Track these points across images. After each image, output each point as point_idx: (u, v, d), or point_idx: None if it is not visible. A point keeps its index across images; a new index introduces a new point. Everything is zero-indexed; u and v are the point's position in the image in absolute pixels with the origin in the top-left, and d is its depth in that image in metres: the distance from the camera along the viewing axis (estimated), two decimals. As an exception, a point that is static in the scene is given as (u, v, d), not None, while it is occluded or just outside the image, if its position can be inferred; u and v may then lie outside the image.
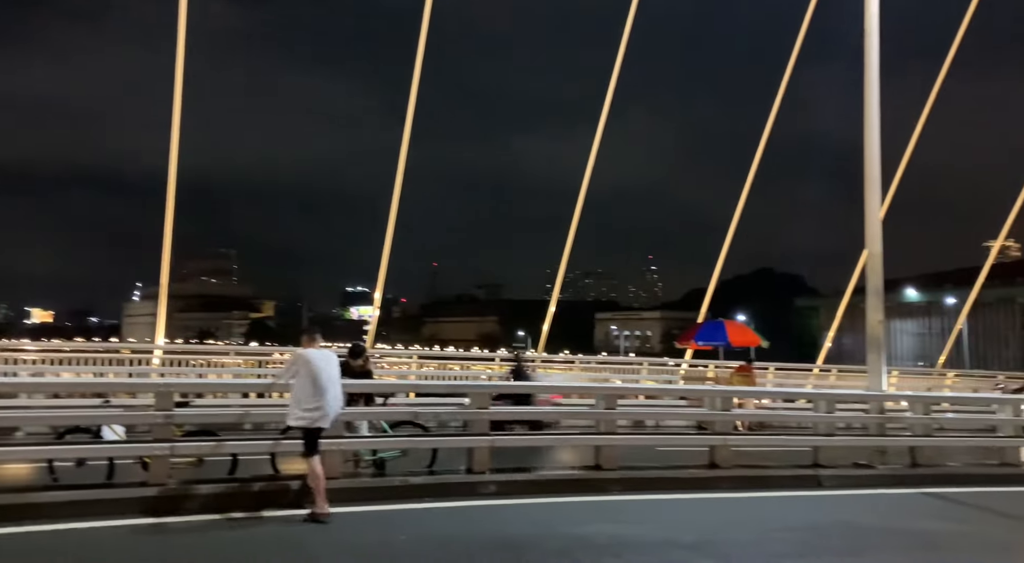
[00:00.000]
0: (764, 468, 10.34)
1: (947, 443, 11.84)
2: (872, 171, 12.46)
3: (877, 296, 12.18)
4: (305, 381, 7.41)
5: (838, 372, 24.97)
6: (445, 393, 13.10)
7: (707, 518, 8.11)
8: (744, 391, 13.97)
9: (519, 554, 6.33)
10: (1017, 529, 8.25)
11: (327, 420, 7.47)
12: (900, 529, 7.89)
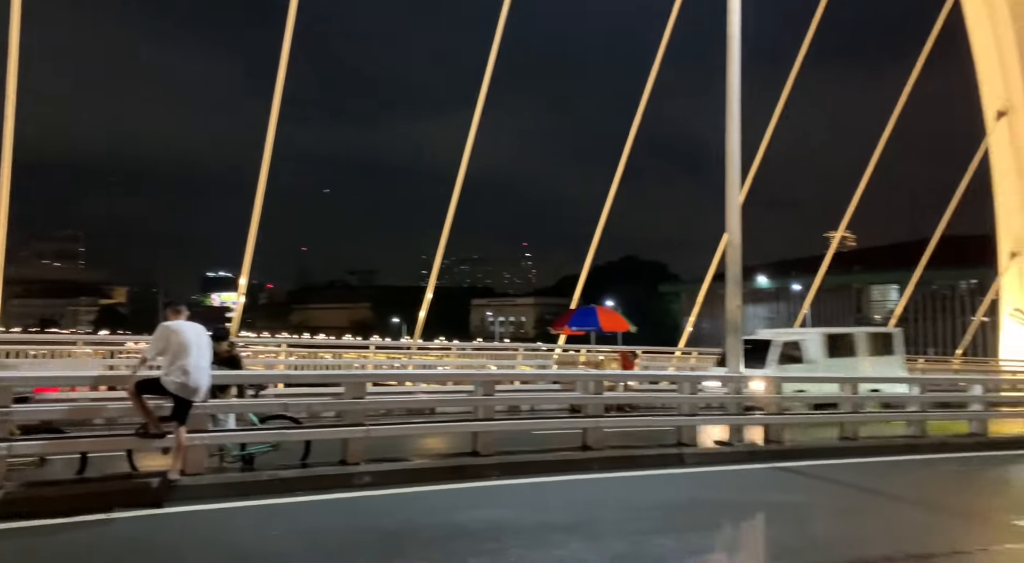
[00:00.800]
0: (633, 448, 10.75)
1: (796, 420, 12.77)
2: (732, 165, 13.16)
3: (735, 283, 12.92)
4: (176, 352, 7.27)
5: (698, 354, 26.40)
6: (317, 383, 12.70)
7: (580, 499, 8.34)
8: (613, 375, 14.48)
9: (396, 544, 6.24)
10: (854, 497, 9.03)
11: (200, 394, 7.42)
12: (756, 501, 8.45)
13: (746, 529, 7.07)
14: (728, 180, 13.14)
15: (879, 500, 8.87)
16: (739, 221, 13.18)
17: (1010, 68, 29.78)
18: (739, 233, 13.13)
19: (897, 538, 6.81)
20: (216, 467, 8.44)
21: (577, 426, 10.77)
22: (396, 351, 23.81)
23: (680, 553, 6.10)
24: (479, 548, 6.06)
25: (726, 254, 13.34)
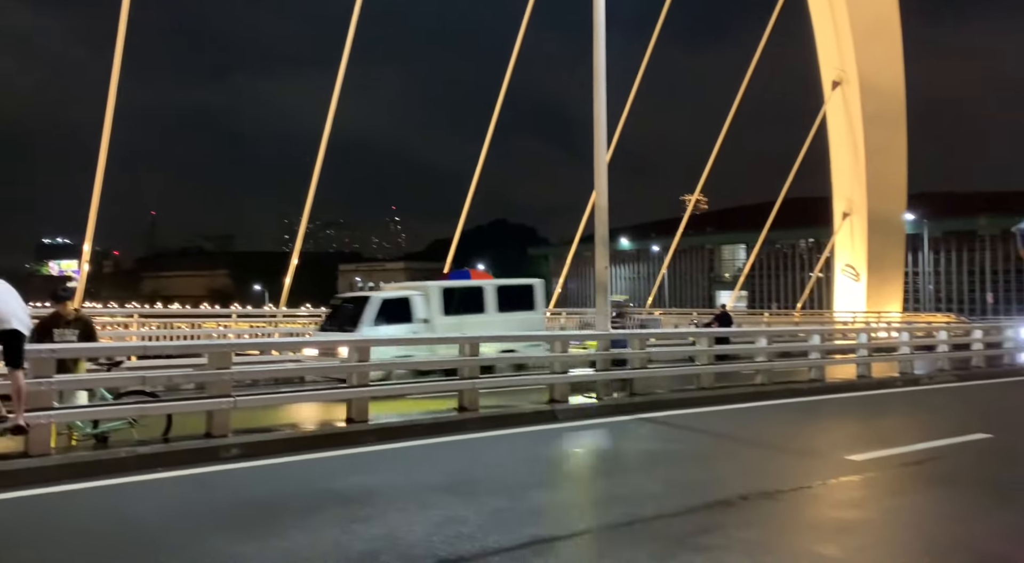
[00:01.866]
0: (508, 407, 10.98)
1: (657, 373, 13.48)
2: (599, 130, 13.49)
3: (604, 244, 13.35)
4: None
5: (567, 314, 27.22)
6: (177, 354, 12.00)
7: (458, 459, 8.43)
8: (487, 337, 14.62)
9: (268, 515, 6.06)
10: (712, 443, 9.70)
11: (13, 322, 7.07)
12: (624, 451, 8.90)
13: (616, 478, 7.42)
14: (596, 145, 13.46)
15: (734, 444, 9.58)
16: (606, 184, 13.57)
17: (844, 41, 32.21)
18: (606, 196, 13.54)
19: (751, 478, 7.39)
20: (65, 447, 7.83)
21: (453, 388, 10.84)
22: (260, 320, 22.90)
23: (555, 504, 6.32)
24: (357, 514, 6.00)
25: (594, 217, 13.73)
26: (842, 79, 32.52)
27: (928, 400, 14.33)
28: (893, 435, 9.97)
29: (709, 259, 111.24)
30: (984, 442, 9.55)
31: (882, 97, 32.54)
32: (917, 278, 70.53)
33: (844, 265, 35.42)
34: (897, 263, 35.97)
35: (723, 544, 5.29)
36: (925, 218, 65.47)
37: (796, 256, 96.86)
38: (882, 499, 6.91)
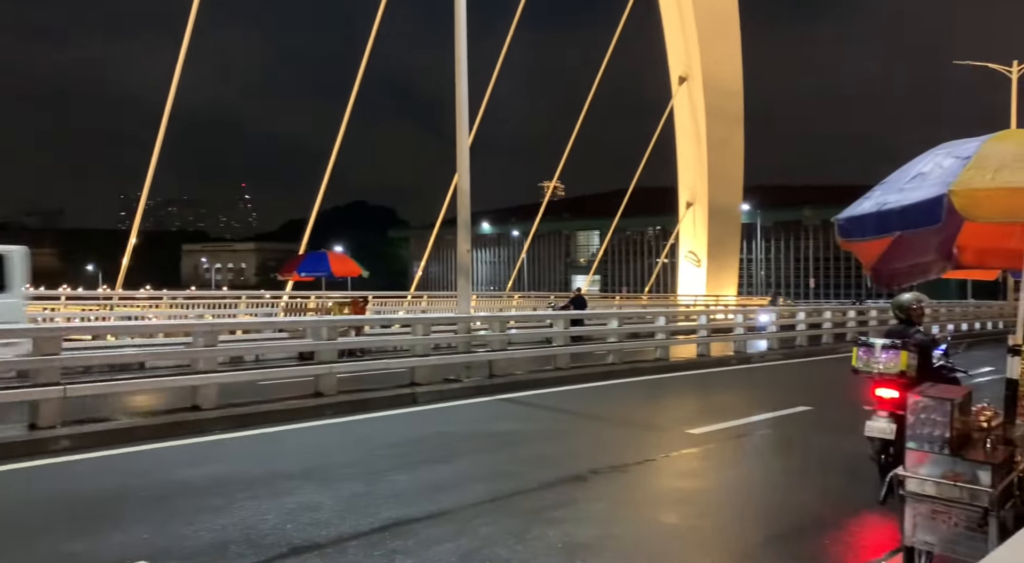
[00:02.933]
0: (366, 391, 10.83)
1: (517, 355, 13.78)
2: (462, 113, 13.50)
3: (465, 228, 13.42)
4: None
5: (429, 298, 27.13)
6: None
7: (314, 445, 8.24)
8: (346, 320, 14.34)
9: (105, 508, 5.65)
10: (566, 420, 10.07)
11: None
12: (484, 432, 9.03)
13: (474, 458, 7.53)
14: (458, 128, 13.47)
15: (587, 422, 9.99)
16: (468, 167, 13.63)
17: (690, 39, 34.03)
18: (468, 179, 13.59)
19: (601, 453, 7.74)
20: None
21: (309, 374, 10.55)
22: (93, 302, 21.13)
23: (415, 486, 6.32)
24: (205, 504, 5.73)
25: (456, 199, 13.76)
26: (688, 75, 34.42)
27: (759, 376, 15.60)
28: (728, 409, 10.77)
29: (566, 244, 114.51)
30: (806, 414, 10.54)
31: (723, 93, 34.78)
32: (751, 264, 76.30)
33: (687, 251, 37.67)
34: (734, 250, 38.70)
35: (575, 516, 5.53)
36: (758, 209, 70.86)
37: (645, 242, 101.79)
38: (718, 469, 7.47)
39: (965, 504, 3.77)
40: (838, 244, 4.77)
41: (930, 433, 3.97)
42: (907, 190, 4.06)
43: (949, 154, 4.04)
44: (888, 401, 5.77)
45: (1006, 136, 3.92)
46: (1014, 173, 3.54)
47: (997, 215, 3.67)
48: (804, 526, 5.56)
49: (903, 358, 5.67)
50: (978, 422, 4.17)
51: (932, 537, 3.90)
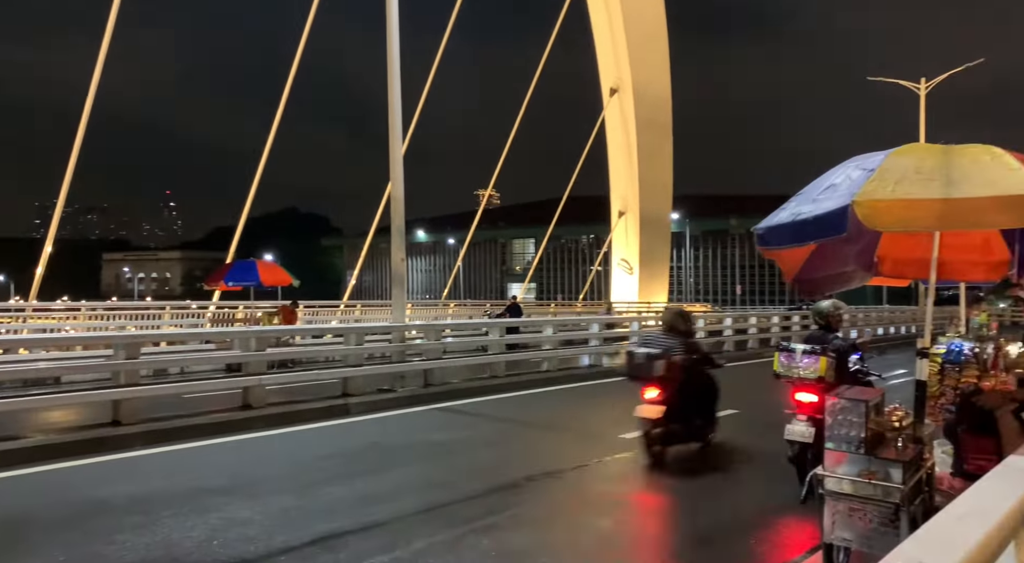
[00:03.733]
0: (298, 403, 10.61)
1: (452, 364, 13.74)
2: (394, 120, 13.43)
3: (399, 236, 13.32)
4: None
5: (362, 306, 26.78)
6: None
7: (241, 460, 8.02)
8: (276, 330, 14.04)
9: (11, 530, 5.37)
10: (501, 428, 10.09)
11: None
12: (419, 442, 8.96)
13: (409, 469, 7.47)
14: (391, 136, 13.38)
15: (522, 429, 10.03)
16: (401, 174, 13.54)
17: (620, 51, 34.74)
18: (402, 187, 13.51)
19: (536, 460, 7.79)
20: None
21: (237, 386, 10.27)
22: (4, 315, 20.06)
23: (348, 499, 6.23)
24: (126, 523, 5.51)
25: (390, 208, 13.65)
26: (619, 86, 35.11)
27: (689, 381, 15.94)
28: (660, 414, 10.97)
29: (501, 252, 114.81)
30: (734, 416, 10.82)
31: (652, 105, 35.60)
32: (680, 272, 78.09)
33: (620, 259, 38.33)
34: (664, 258, 39.57)
35: (510, 524, 5.55)
36: (688, 218, 72.67)
37: (579, 250, 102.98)
38: (650, 473, 7.60)
39: (879, 501, 3.95)
40: (761, 253, 4.94)
41: (847, 434, 4.15)
42: (819, 201, 4.22)
43: (858, 166, 4.22)
44: (807, 405, 5.99)
45: (908, 150, 4.11)
46: (912, 186, 3.72)
47: (895, 224, 3.86)
48: (731, 527, 5.72)
49: (822, 364, 5.90)
50: (891, 422, 4.38)
51: (849, 533, 4.07)
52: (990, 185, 3.57)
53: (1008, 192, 3.48)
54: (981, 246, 4.97)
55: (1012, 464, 2.69)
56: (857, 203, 3.62)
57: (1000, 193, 3.51)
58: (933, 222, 3.80)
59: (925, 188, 3.66)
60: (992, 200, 3.52)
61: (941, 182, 3.67)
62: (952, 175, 3.71)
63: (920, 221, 3.79)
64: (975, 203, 3.55)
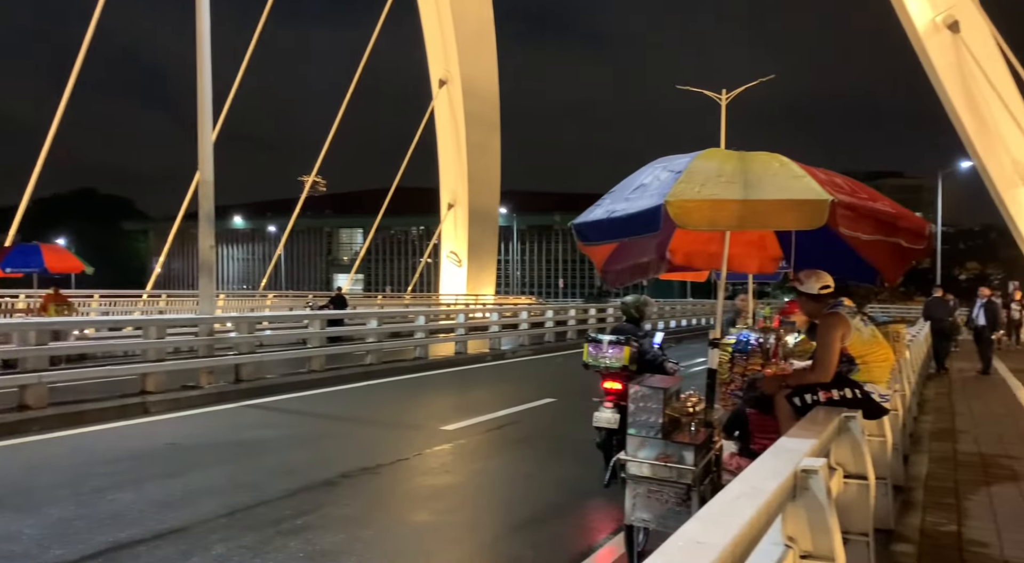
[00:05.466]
0: (86, 403, 9.60)
1: (267, 358, 13.07)
2: (204, 102, 12.51)
3: (208, 222, 12.44)
4: None
5: (168, 297, 24.84)
6: None
7: (13, 466, 7.10)
8: (62, 322, 12.61)
9: None
10: (317, 424, 9.74)
11: None
12: (225, 441, 8.40)
13: (211, 471, 6.97)
14: (200, 117, 12.45)
15: (341, 424, 9.74)
16: (211, 157, 12.65)
17: (449, 44, 34.81)
18: (211, 170, 12.63)
19: (353, 455, 7.58)
20: None
21: (11, 384, 9.11)
22: None
23: (139, 505, 5.69)
24: None
25: (198, 192, 12.71)
26: (448, 79, 35.15)
27: (511, 371, 16.34)
28: (481, 404, 11.12)
29: (327, 242, 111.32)
30: (551, 405, 11.21)
31: (481, 100, 36.01)
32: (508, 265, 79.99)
33: (449, 252, 38.49)
34: (492, 251, 40.26)
35: (321, 524, 5.33)
36: (515, 213, 74.54)
37: (409, 242, 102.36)
38: (469, 463, 7.66)
39: (673, 482, 4.19)
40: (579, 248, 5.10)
41: (647, 419, 4.37)
42: (632, 199, 4.41)
43: (665, 168, 4.45)
44: (613, 393, 6.29)
45: (711, 155, 4.40)
46: (716, 187, 3.98)
47: (702, 224, 4.12)
48: (544, 513, 5.87)
49: (626, 353, 6.20)
50: (686, 408, 4.67)
51: (648, 514, 4.29)
52: (781, 190, 3.89)
53: (795, 197, 3.81)
54: (758, 242, 5.46)
55: (782, 445, 2.94)
56: (669, 203, 3.81)
57: (789, 197, 3.83)
58: (735, 222, 4.08)
59: (727, 190, 3.92)
60: (782, 203, 3.84)
61: (740, 185, 3.95)
62: (749, 179, 4.01)
63: (724, 221, 4.06)
64: (768, 205, 3.85)
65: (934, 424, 9.06)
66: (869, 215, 3.88)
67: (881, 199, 4.19)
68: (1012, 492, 5.84)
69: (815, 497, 2.50)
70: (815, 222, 3.68)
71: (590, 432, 6.50)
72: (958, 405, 10.76)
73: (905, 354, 7.99)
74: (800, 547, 2.53)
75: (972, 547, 4.50)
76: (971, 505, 5.43)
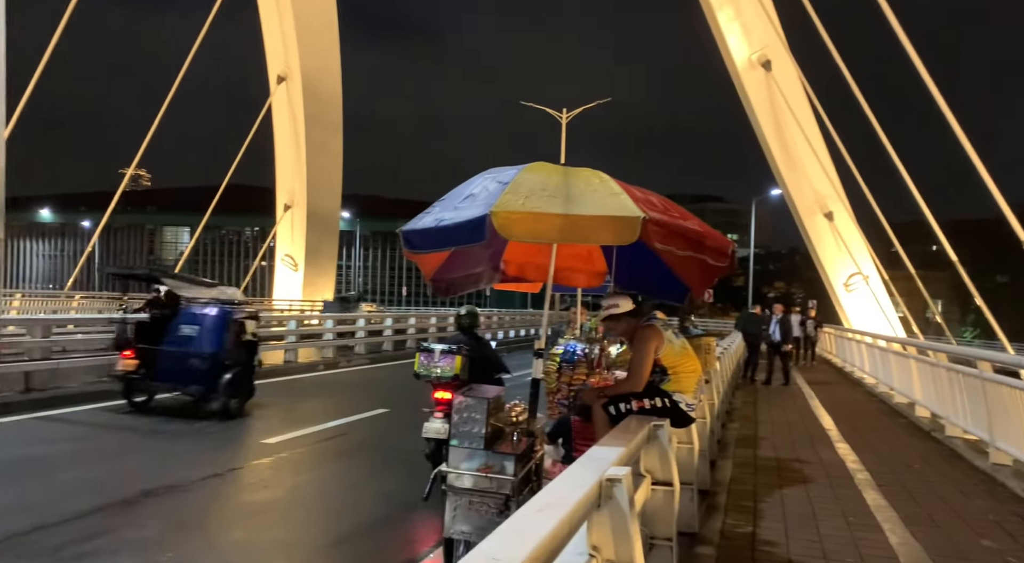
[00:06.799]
0: None
1: (68, 364, 11.81)
2: None
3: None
4: None
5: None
6: None
7: None
8: None
9: None
10: (128, 438, 8.89)
11: None
12: (6, 458, 7.45)
13: (-11, 492, 6.15)
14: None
15: (148, 438, 8.94)
16: (3, 147, 11.32)
17: (289, 38, 33.51)
18: (3, 159, 11.29)
19: (160, 472, 6.97)
20: None
21: None
22: None
23: None
24: None
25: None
26: (287, 75, 33.78)
27: (344, 381, 15.86)
28: (309, 416, 10.67)
29: (150, 240, 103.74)
30: (383, 416, 10.98)
31: (322, 99, 34.91)
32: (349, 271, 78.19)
33: (284, 255, 36.88)
34: (331, 256, 39.04)
35: (112, 548, 4.84)
36: (358, 217, 73.03)
37: (242, 243, 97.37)
38: (290, 477, 7.29)
39: (494, 493, 4.19)
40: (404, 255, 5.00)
41: (470, 430, 4.34)
42: (460, 209, 4.38)
43: (494, 179, 4.47)
44: (445, 403, 6.24)
45: (536, 168, 4.47)
46: (539, 200, 4.04)
47: (525, 235, 4.18)
48: (366, 527, 5.69)
49: (458, 363, 6.18)
50: (510, 418, 4.70)
51: (468, 527, 4.25)
52: (599, 206, 4.01)
53: (611, 213, 3.94)
54: (585, 256, 5.65)
55: (592, 454, 2.99)
56: (494, 213, 3.81)
57: (606, 213, 3.95)
58: (556, 235, 4.15)
59: (550, 204, 3.98)
60: (600, 219, 3.96)
61: (562, 199, 4.03)
62: (571, 194, 4.10)
63: (546, 234, 4.13)
64: (587, 220, 3.95)
65: (740, 431, 9.79)
66: (679, 233, 4.09)
67: (691, 218, 4.45)
68: (801, 494, 6.40)
69: (619, 505, 2.55)
70: (629, 238, 3.83)
71: (421, 443, 6.39)
72: (761, 414, 11.73)
73: (715, 365, 8.58)
74: (603, 556, 2.57)
75: (763, 547, 4.85)
76: (766, 507, 5.88)
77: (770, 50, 27.34)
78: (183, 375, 10.11)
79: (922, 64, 18.36)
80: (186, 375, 10.09)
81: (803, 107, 27.19)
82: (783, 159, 28.38)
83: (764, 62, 27.45)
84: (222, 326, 10.45)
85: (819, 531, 5.21)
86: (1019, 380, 7.36)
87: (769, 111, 27.98)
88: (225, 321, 10.50)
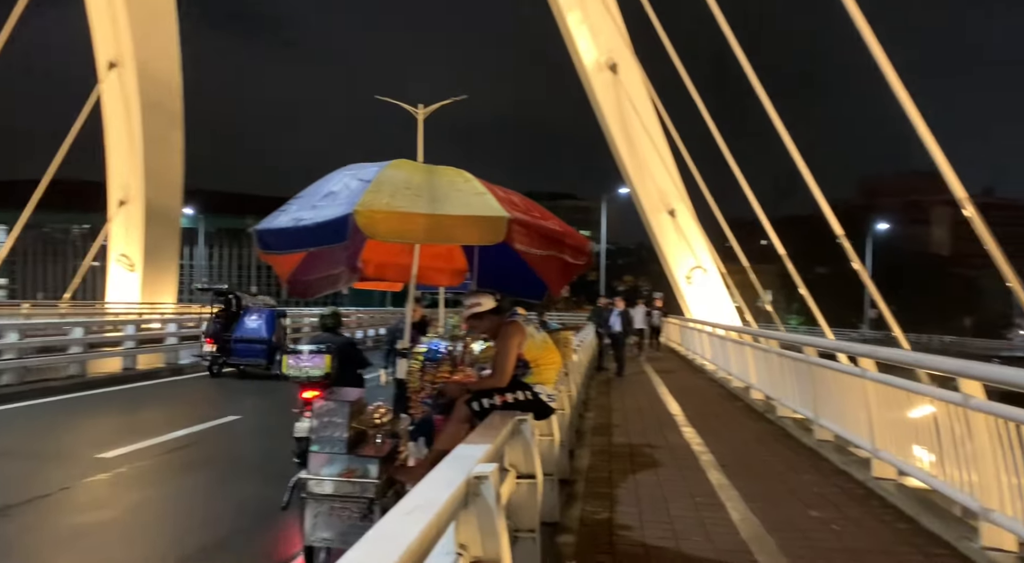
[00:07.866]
0: None
1: None
2: None
3: None
4: None
5: None
6: None
7: None
8: None
9: None
10: None
11: None
12: None
13: None
14: None
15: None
16: None
17: (121, 23, 31.03)
18: None
19: (-25, 498, 6.26)
20: None
21: None
22: None
23: None
24: None
25: None
26: (119, 62, 31.22)
27: (191, 388, 14.95)
28: (152, 426, 9.96)
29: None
30: (235, 423, 10.46)
31: (160, 88, 32.54)
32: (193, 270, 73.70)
33: (119, 254, 34.11)
34: (173, 255, 36.54)
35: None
36: (203, 214, 68.94)
37: (69, 242, 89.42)
38: (132, 493, 6.79)
39: (357, 497, 4.11)
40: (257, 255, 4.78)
41: (331, 435, 4.24)
42: (320, 207, 4.25)
43: (355, 176, 4.37)
44: (313, 402, 6.07)
45: (399, 165, 4.41)
46: (404, 199, 4.00)
47: (390, 235, 4.12)
48: (221, 540, 5.42)
49: (327, 361, 6.01)
50: (372, 420, 4.62)
51: (329, 533, 4.15)
52: (464, 206, 4.02)
53: (476, 213, 3.97)
54: (446, 255, 5.66)
55: (459, 452, 3.00)
56: (358, 212, 3.73)
57: (471, 213, 3.97)
58: (421, 235, 4.12)
59: (414, 203, 3.94)
60: (465, 219, 3.97)
61: (427, 199, 4.00)
62: (436, 193, 4.08)
63: (411, 233, 4.09)
64: (453, 220, 3.95)
65: (595, 419, 10.19)
66: (540, 232, 4.19)
67: (551, 218, 4.57)
68: (653, 478, 6.75)
69: (486, 503, 2.58)
70: (494, 238, 3.87)
71: (278, 449, 6.16)
72: (614, 402, 12.26)
73: (573, 357, 8.88)
74: (471, 553, 2.59)
75: (620, 531, 5.08)
76: (621, 492, 6.16)
77: (616, 53, 28.51)
78: (251, 353, 15.29)
79: (756, 76, 19.85)
80: (253, 354, 15.24)
81: (648, 110, 28.60)
82: (630, 159, 29.73)
83: (611, 65, 28.60)
84: (274, 321, 15.73)
85: (670, 513, 5.53)
86: (838, 363, 8.14)
87: (617, 112, 29.21)
88: (275, 317, 15.85)
